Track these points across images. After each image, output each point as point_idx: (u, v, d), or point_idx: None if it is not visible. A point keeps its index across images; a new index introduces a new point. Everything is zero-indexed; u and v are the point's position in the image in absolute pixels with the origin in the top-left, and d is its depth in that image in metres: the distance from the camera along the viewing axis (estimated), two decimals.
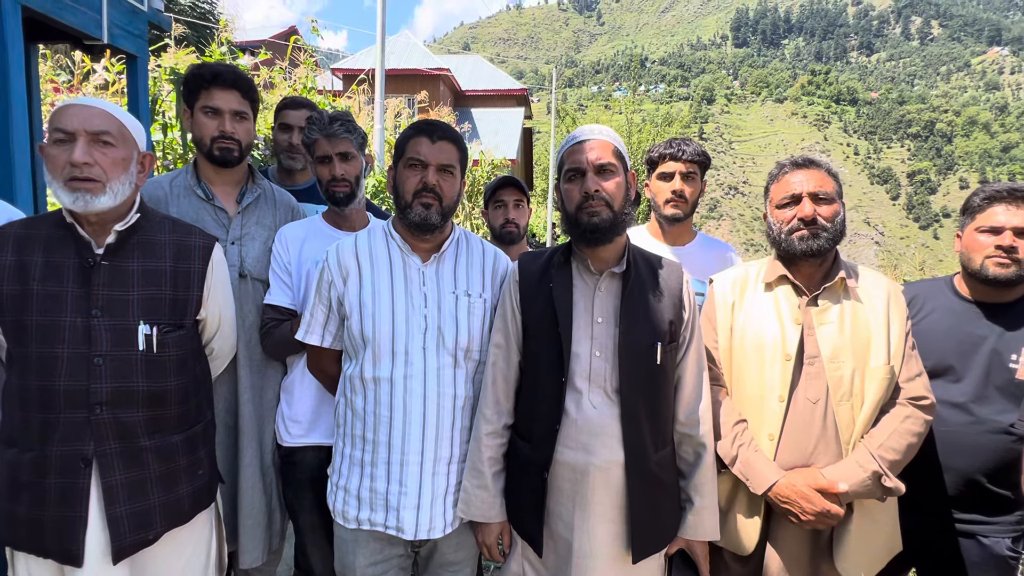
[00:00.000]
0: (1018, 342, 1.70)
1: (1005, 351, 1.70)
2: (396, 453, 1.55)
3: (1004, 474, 1.68)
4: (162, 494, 1.42)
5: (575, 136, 1.55)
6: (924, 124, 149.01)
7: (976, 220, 1.77)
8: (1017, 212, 1.70)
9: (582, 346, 1.49)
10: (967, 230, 1.80)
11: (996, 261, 1.70)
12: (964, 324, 1.76)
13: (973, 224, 1.78)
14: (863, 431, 1.54)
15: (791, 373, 1.57)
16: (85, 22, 3.04)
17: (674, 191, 2.12)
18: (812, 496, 1.48)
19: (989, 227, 1.73)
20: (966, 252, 1.78)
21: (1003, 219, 1.71)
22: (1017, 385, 1.68)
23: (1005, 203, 1.72)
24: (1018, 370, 1.68)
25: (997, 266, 1.70)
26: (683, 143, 2.16)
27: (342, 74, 18.93)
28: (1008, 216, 1.70)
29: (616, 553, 1.48)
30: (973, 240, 1.76)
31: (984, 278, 1.72)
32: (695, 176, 2.16)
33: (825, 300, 1.62)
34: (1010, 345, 1.70)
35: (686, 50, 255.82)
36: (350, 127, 1.89)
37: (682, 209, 2.14)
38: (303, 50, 6.73)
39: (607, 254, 1.53)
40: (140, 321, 1.39)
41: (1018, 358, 1.69)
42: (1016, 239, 1.69)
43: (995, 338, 1.72)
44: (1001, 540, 1.70)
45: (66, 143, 1.33)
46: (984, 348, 1.72)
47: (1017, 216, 1.70)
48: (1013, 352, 1.69)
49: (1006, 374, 1.69)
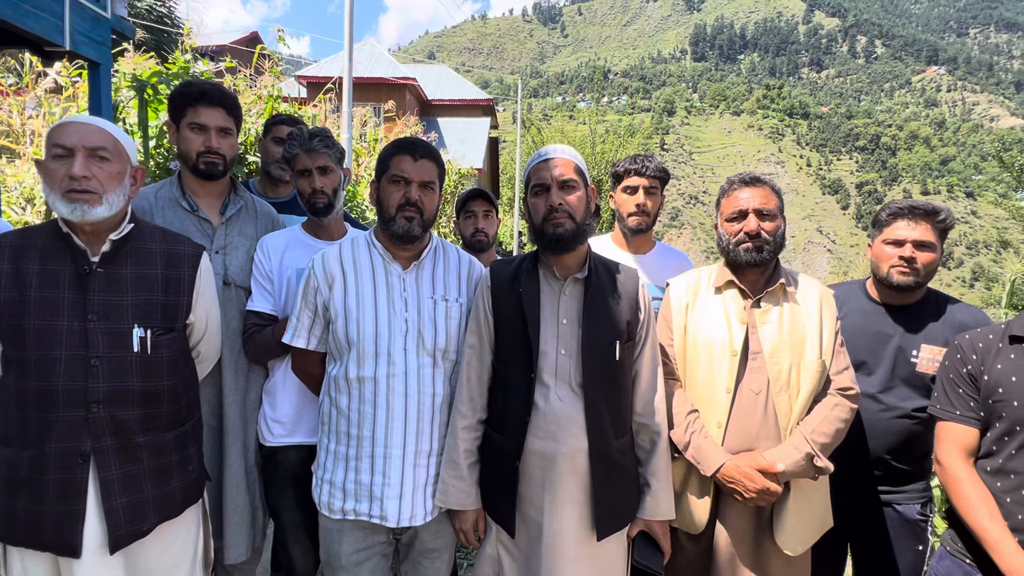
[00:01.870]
0: (918, 339, 1.96)
1: (908, 347, 1.96)
2: (380, 447, 1.66)
3: (907, 452, 1.96)
4: (155, 488, 1.49)
5: (541, 154, 1.71)
6: (871, 138, 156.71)
7: (883, 233, 2.01)
8: (916, 227, 1.95)
9: (549, 345, 1.64)
10: (876, 241, 2.05)
11: (899, 270, 1.94)
12: (874, 324, 2.02)
13: (880, 236, 2.02)
14: (799, 418, 1.74)
15: (737, 367, 1.76)
16: (47, 28, 3.03)
17: (638, 204, 2.33)
18: (754, 476, 1.66)
19: (893, 239, 1.97)
20: (875, 261, 2.03)
21: (904, 233, 1.96)
22: (918, 376, 1.94)
23: (906, 219, 1.97)
24: (919, 363, 1.94)
25: (900, 274, 1.94)
26: (646, 159, 2.37)
27: (307, 81, 18.76)
28: (908, 231, 1.95)
29: (582, 532, 1.63)
30: (881, 251, 2.01)
31: (890, 284, 1.97)
32: (656, 190, 2.37)
33: (767, 303, 1.81)
34: (912, 342, 1.96)
35: (647, 63, 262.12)
36: (328, 142, 2.00)
37: (645, 221, 2.34)
38: (268, 58, 6.73)
39: (571, 261, 1.68)
40: (134, 324, 1.47)
41: (918, 353, 1.94)
42: (916, 251, 1.93)
43: (899, 336, 1.97)
44: (912, 506, 1.97)
45: (65, 158, 1.41)
46: (891, 345, 1.98)
47: (916, 230, 1.95)
48: (914, 348, 1.95)
49: (909, 367, 1.94)
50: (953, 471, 1.59)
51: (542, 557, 1.61)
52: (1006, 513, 1.50)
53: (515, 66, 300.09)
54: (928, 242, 1.94)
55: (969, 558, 1.58)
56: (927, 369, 1.92)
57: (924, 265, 1.93)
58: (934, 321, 1.97)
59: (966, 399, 1.62)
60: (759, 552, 1.75)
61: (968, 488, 1.55)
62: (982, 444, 1.60)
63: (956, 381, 1.65)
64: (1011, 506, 1.50)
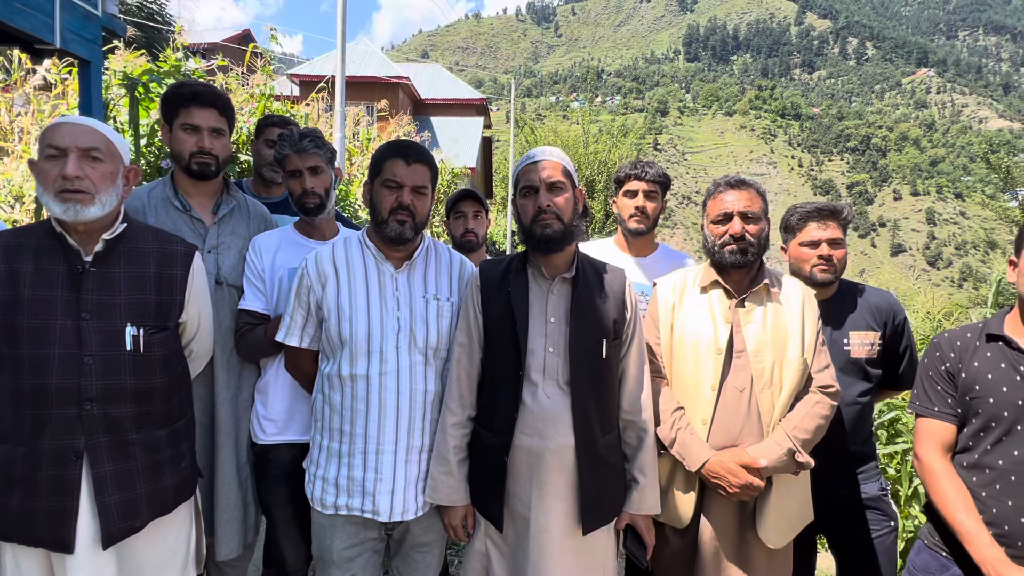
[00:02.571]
0: (845, 328, 2.07)
1: (839, 338, 2.06)
2: (372, 443, 1.69)
3: (859, 434, 2.08)
4: (148, 485, 1.51)
5: (529, 156, 1.74)
6: (861, 139, 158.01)
7: (797, 236, 2.13)
8: (827, 227, 2.08)
9: (537, 343, 1.67)
10: (791, 244, 2.16)
11: (820, 268, 2.06)
12: None
13: (796, 240, 2.13)
14: (781, 415, 1.78)
15: (722, 365, 1.79)
16: (37, 26, 3.01)
17: (637, 207, 2.38)
18: (737, 471, 1.70)
19: (809, 241, 2.09)
20: (795, 263, 2.13)
21: (817, 234, 2.08)
22: (854, 362, 2.06)
23: (816, 220, 2.09)
24: (851, 350, 2.06)
25: (821, 272, 2.06)
26: (647, 165, 2.43)
27: (299, 80, 18.68)
28: (820, 232, 2.08)
29: (569, 527, 1.66)
30: (799, 252, 2.12)
31: (814, 282, 2.06)
32: (656, 195, 2.43)
33: (751, 302, 1.85)
34: (840, 333, 2.07)
35: (641, 63, 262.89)
36: (319, 143, 2.01)
37: (644, 224, 2.39)
38: (260, 56, 6.71)
39: (559, 261, 1.72)
40: (127, 323, 1.49)
41: (848, 341, 2.06)
42: (831, 249, 2.06)
43: (829, 330, 2.07)
44: (872, 484, 2.08)
45: (58, 158, 1.42)
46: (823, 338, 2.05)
47: (827, 230, 2.08)
48: (844, 337, 2.07)
49: (844, 355, 2.05)
50: (931, 466, 1.64)
51: (529, 551, 1.64)
52: (982, 507, 1.54)
53: (509, 65, 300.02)
54: (839, 239, 2.08)
55: (946, 551, 1.62)
56: (859, 353, 2.06)
57: (839, 260, 2.07)
58: (853, 309, 2.10)
59: (944, 396, 1.66)
60: (742, 545, 1.79)
61: (945, 482, 1.60)
62: (959, 440, 1.64)
63: (935, 378, 1.69)
64: (986, 500, 1.54)
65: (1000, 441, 1.54)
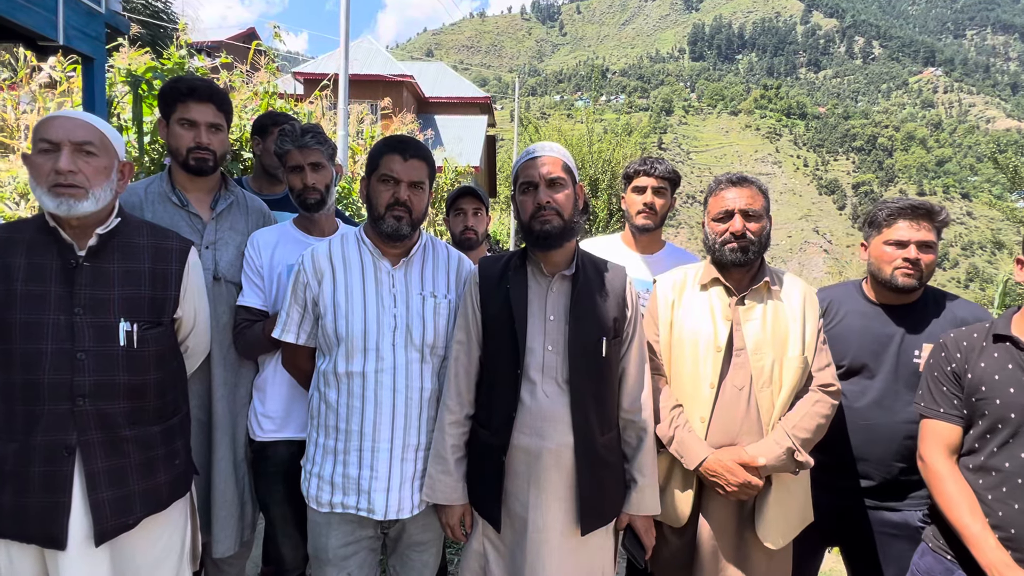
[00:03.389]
0: (920, 339, 1.90)
1: (909, 348, 1.90)
2: (368, 441, 1.67)
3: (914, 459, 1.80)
4: (141, 481, 1.50)
5: (529, 152, 1.72)
6: (867, 138, 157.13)
7: (883, 233, 1.95)
8: (919, 228, 1.90)
9: (536, 341, 1.65)
10: (875, 241, 1.98)
11: (904, 272, 1.89)
12: (874, 325, 1.97)
13: (881, 237, 1.95)
14: (781, 414, 1.75)
15: (721, 363, 1.77)
16: (40, 23, 3.01)
17: (645, 203, 2.35)
18: (735, 469, 1.68)
19: (896, 240, 1.91)
20: (876, 262, 1.96)
21: (907, 234, 1.90)
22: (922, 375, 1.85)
23: (908, 219, 1.91)
24: (921, 363, 1.86)
25: (905, 276, 1.89)
26: (656, 162, 2.40)
27: (303, 78, 18.70)
28: (911, 232, 1.90)
29: (567, 528, 1.64)
30: (882, 252, 1.94)
31: (894, 286, 1.90)
32: (665, 191, 2.40)
33: (751, 300, 1.83)
34: (913, 342, 1.90)
35: (645, 62, 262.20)
36: (320, 139, 2.00)
37: (652, 220, 2.36)
38: (264, 54, 6.71)
39: (558, 258, 1.69)
40: (121, 318, 1.48)
41: (920, 353, 1.88)
42: (920, 252, 1.89)
43: (900, 337, 1.92)
44: (914, 513, 1.88)
45: (51, 152, 1.41)
46: (892, 346, 1.92)
47: (920, 232, 1.89)
48: (916, 348, 1.89)
49: (911, 368, 1.88)
50: (936, 468, 1.61)
51: (527, 552, 1.62)
52: (987, 510, 1.51)
53: (513, 64, 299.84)
54: (930, 242, 1.90)
55: (950, 554, 1.60)
56: None
57: (926, 266, 1.89)
58: (935, 319, 1.92)
59: (950, 397, 1.64)
60: (741, 545, 1.76)
61: (950, 485, 1.57)
62: (965, 441, 1.62)
63: (940, 379, 1.66)
64: (992, 503, 1.51)
65: (1007, 443, 1.52)
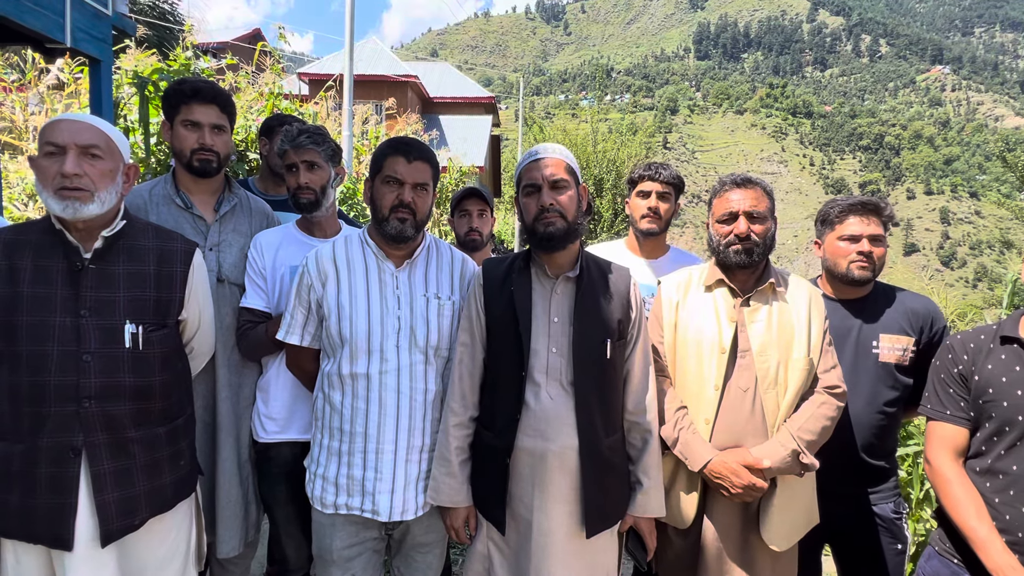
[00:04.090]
0: (876, 329, 1.97)
1: (867, 339, 1.97)
2: (372, 442, 1.68)
3: (880, 447, 1.95)
4: (147, 482, 1.51)
5: (531, 154, 1.71)
6: (874, 137, 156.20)
7: (835, 230, 2.02)
8: (869, 222, 1.98)
9: (540, 343, 1.65)
10: (828, 238, 2.04)
11: (859, 264, 1.96)
12: (832, 320, 1.99)
13: (834, 233, 2.02)
14: (786, 415, 1.75)
15: (726, 365, 1.77)
16: (47, 25, 3.03)
17: (650, 208, 2.36)
18: (740, 471, 1.67)
19: (848, 235, 1.98)
20: (831, 257, 2.03)
21: (859, 229, 1.97)
22: (881, 367, 1.95)
23: (858, 215, 1.99)
24: (880, 354, 1.95)
25: (860, 269, 1.96)
26: (661, 167, 2.41)
27: (308, 79, 18.77)
28: (862, 226, 1.97)
29: (571, 530, 1.64)
30: (836, 247, 2.01)
31: (851, 279, 1.97)
32: (669, 196, 2.40)
33: (756, 301, 1.82)
34: (870, 333, 1.97)
35: (650, 61, 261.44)
36: (317, 139, 1.98)
37: (656, 224, 2.37)
38: (269, 55, 6.74)
39: (562, 260, 1.69)
40: (126, 320, 1.48)
41: (878, 344, 1.95)
42: (871, 245, 1.96)
43: (857, 329, 1.98)
44: (886, 505, 1.96)
45: (57, 155, 1.42)
46: (850, 339, 1.98)
47: (869, 226, 1.97)
48: (873, 339, 1.96)
49: (871, 359, 1.95)
50: (942, 471, 1.60)
51: (531, 554, 1.62)
52: (994, 514, 1.50)
53: (518, 64, 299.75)
54: (880, 236, 1.98)
55: (957, 558, 1.58)
56: (888, 358, 1.95)
57: (878, 258, 1.97)
58: (888, 309, 1.99)
59: (956, 399, 1.63)
60: (746, 547, 1.76)
61: (957, 488, 1.56)
62: (972, 444, 1.61)
63: (947, 381, 1.65)
64: (1000, 506, 1.50)
65: (1014, 446, 1.50)
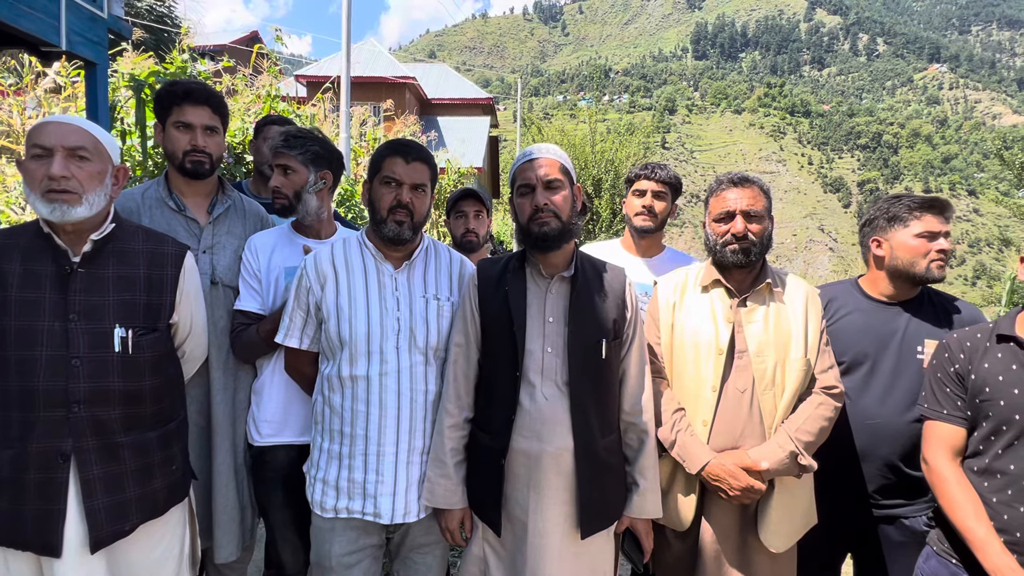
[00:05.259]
0: (921, 333, 1.89)
1: (912, 343, 1.89)
2: (373, 445, 1.67)
3: (917, 457, 1.77)
4: (137, 488, 1.49)
5: (526, 154, 1.70)
6: (872, 136, 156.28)
7: (910, 226, 1.92)
8: (944, 220, 1.91)
9: (535, 343, 1.64)
10: (899, 236, 1.93)
11: (939, 264, 1.89)
12: (876, 321, 1.96)
13: (908, 230, 1.92)
14: (783, 416, 1.74)
15: (723, 366, 1.76)
16: (42, 28, 3.02)
17: (645, 205, 2.36)
18: (738, 473, 1.66)
19: (928, 232, 1.89)
20: (905, 256, 1.91)
21: (937, 225, 1.90)
22: (924, 373, 1.81)
23: (934, 212, 1.92)
24: (925, 359, 1.85)
25: (940, 268, 1.88)
26: (657, 167, 2.41)
27: (306, 81, 18.76)
28: (941, 224, 1.90)
29: (567, 531, 1.62)
30: (910, 245, 1.91)
31: (931, 279, 1.89)
32: (665, 195, 2.39)
33: (753, 302, 1.81)
34: (916, 337, 1.89)
35: (648, 61, 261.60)
36: (292, 143, 1.96)
37: (651, 222, 2.36)
38: (266, 57, 6.73)
39: (557, 260, 1.68)
40: (116, 324, 1.47)
41: (923, 349, 1.86)
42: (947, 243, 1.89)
43: (903, 332, 1.91)
44: (919, 518, 1.86)
45: (44, 158, 1.41)
46: (895, 341, 1.91)
47: (946, 224, 1.91)
48: (918, 344, 1.88)
49: (915, 364, 1.86)
50: (940, 471, 1.59)
51: (527, 556, 1.61)
52: (992, 513, 1.49)
53: (516, 65, 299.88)
54: (949, 234, 1.91)
55: (955, 558, 1.57)
56: None
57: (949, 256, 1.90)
58: (936, 315, 1.93)
59: (953, 398, 1.62)
60: (744, 549, 1.75)
61: (954, 488, 1.55)
62: (969, 444, 1.60)
63: (944, 380, 1.64)
64: (997, 506, 1.49)
65: (1011, 445, 1.49)
